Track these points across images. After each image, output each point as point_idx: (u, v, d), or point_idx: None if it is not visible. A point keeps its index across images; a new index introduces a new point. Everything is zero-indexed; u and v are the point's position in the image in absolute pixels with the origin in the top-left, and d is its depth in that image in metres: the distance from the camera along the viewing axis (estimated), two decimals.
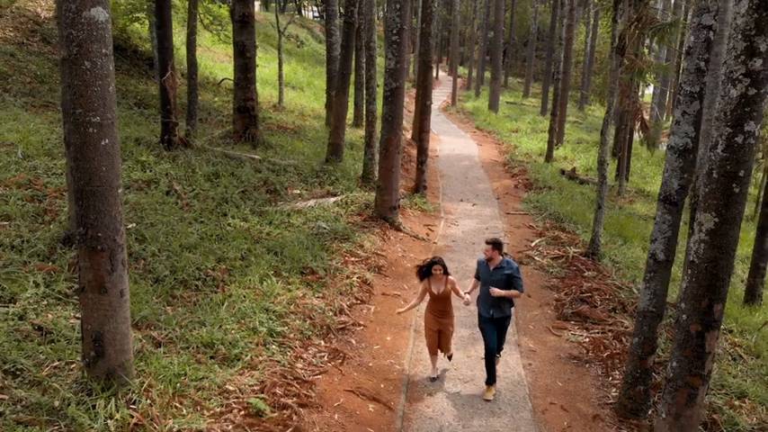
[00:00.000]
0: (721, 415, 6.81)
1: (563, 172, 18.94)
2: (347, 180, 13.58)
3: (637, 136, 19.70)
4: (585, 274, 10.51)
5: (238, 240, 9.04)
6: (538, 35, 46.52)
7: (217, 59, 25.59)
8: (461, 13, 52.87)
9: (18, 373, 5.24)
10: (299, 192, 12.22)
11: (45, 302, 6.38)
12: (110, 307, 5.01)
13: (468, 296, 6.92)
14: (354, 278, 9.04)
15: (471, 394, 6.83)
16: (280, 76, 21.77)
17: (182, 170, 11.17)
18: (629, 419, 6.51)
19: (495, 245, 6.78)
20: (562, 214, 14.15)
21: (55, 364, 5.42)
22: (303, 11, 52.90)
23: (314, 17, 55.54)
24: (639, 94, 18.70)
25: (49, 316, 6.16)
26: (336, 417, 5.91)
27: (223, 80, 20.50)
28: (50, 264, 7.11)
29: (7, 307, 6.13)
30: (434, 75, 45.28)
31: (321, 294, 8.26)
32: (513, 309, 7.05)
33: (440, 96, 38.95)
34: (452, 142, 24.33)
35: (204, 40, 25.20)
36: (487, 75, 44.75)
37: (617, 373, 7.47)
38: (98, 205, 4.80)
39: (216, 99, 19.59)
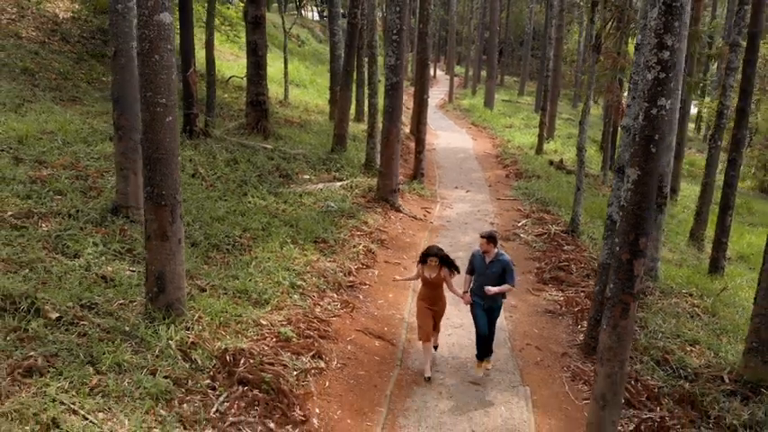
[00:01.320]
0: (673, 355, 8.11)
1: (551, 163, 20.25)
2: (351, 167, 14.88)
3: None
4: (565, 247, 11.81)
5: (259, 215, 10.33)
6: (533, 35, 47.81)
7: (223, 58, 26.84)
8: (458, 13, 54.17)
9: (93, 307, 6.50)
10: (308, 177, 13.50)
11: (104, 258, 7.64)
12: (170, 252, 6.29)
13: (467, 296, 7.06)
14: (360, 247, 10.33)
15: (460, 336, 8.11)
16: (285, 74, 23.02)
17: (203, 156, 12.44)
18: (591, 356, 7.79)
19: (490, 238, 6.92)
20: (548, 199, 15.45)
21: (120, 302, 6.68)
22: (303, 11, 54.09)
23: (317, 18, 56.68)
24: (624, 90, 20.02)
25: (109, 268, 7.42)
26: (349, 347, 7.21)
27: (231, 77, 21.75)
28: (103, 229, 8.38)
29: (74, 260, 7.40)
30: (432, 73, 46.64)
31: (332, 259, 9.55)
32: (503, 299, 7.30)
33: (437, 94, 40.22)
34: (449, 137, 25.62)
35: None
36: (484, 73, 46.04)
37: (585, 322, 8.75)
38: (162, 169, 6.08)
39: (225, 95, 20.85)
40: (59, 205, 8.75)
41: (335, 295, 8.45)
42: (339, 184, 13.55)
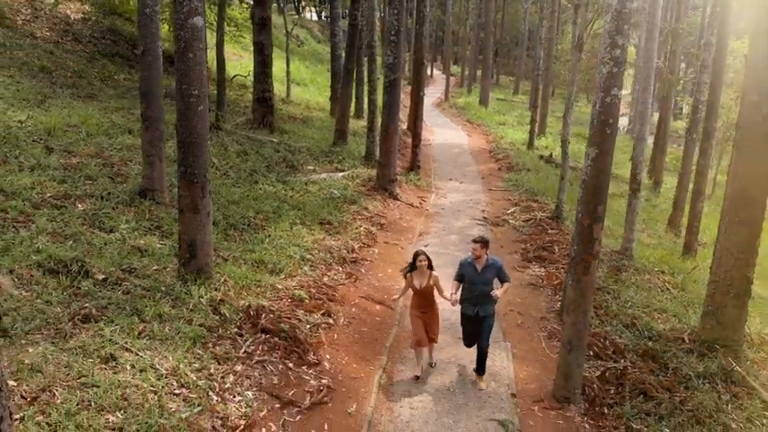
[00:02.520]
0: (640, 320, 9.13)
1: (541, 157, 21.30)
2: (352, 159, 15.90)
3: None
4: (549, 231, 12.84)
5: (269, 200, 11.34)
6: (528, 35, 48.88)
7: (227, 58, 27.78)
8: (455, 13, 55.21)
9: (132, 271, 7.51)
10: (312, 167, 14.52)
11: (136, 233, 8.65)
12: (200, 223, 7.30)
13: (455, 296, 6.86)
14: (361, 229, 11.35)
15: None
16: (287, 73, 24.02)
17: (216, 148, 13.44)
18: None
19: (484, 243, 6.73)
20: (536, 189, 16.49)
21: (155, 267, 7.69)
22: (302, 12, 55.09)
23: (315, 18, 57.62)
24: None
25: (142, 241, 8.43)
26: (353, 309, 8.24)
27: (235, 76, 22.73)
28: (133, 209, 9.38)
29: (110, 234, 8.40)
30: (429, 73, 47.64)
31: (336, 238, 10.56)
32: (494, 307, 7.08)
33: (434, 93, 41.23)
34: (444, 133, 26.64)
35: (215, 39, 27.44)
36: (480, 73, 47.07)
37: (562, 292, 9.77)
38: (195, 152, 7.09)
39: (231, 93, 21.84)
40: (92, 188, 9.75)
41: (340, 268, 9.47)
42: (341, 174, 14.56)
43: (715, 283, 8.53)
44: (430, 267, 6.89)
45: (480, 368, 7.03)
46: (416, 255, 6.94)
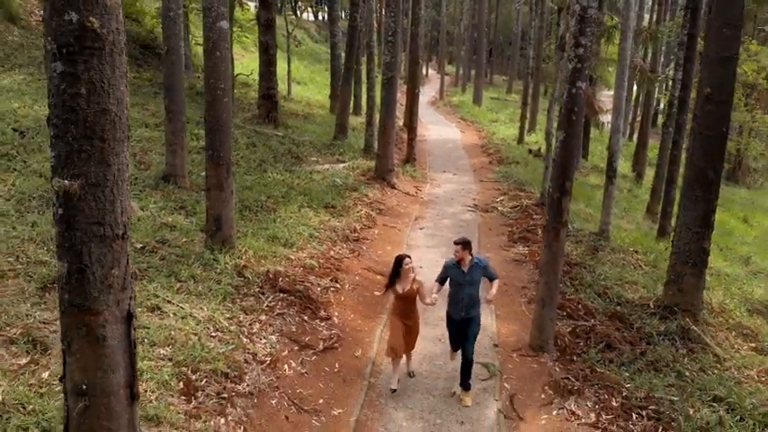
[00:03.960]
0: (612, 290, 10.27)
1: (530, 151, 22.45)
2: (352, 152, 17.03)
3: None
4: (534, 216, 13.98)
5: (278, 186, 12.44)
6: (521, 35, 50.09)
7: None
8: (449, 14, 56.41)
9: (165, 242, 8.58)
10: (315, 159, 15.63)
11: (164, 211, 9.74)
12: (225, 199, 8.40)
13: (434, 296, 6.65)
14: (362, 213, 12.48)
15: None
16: (288, 72, 25.07)
17: None
18: None
19: (465, 244, 6.61)
20: (524, 180, 17.64)
21: (184, 240, 8.79)
22: (299, 13, 56.13)
23: (312, 18, 58.63)
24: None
25: (170, 218, 9.53)
26: (357, 278, 9.37)
27: (238, 74, 23.78)
28: (159, 191, 10.47)
29: (142, 212, 9.49)
30: (424, 72, 48.74)
31: (340, 220, 11.68)
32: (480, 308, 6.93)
33: (429, 92, 42.37)
34: (439, 130, 27.78)
35: None
36: (474, 72, 48.23)
37: None
38: (221, 137, 8.19)
39: (234, 90, 22.92)
40: None
41: (344, 245, 10.58)
42: (342, 165, 15.68)
43: (676, 254, 9.68)
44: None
45: (465, 381, 6.68)
46: (400, 259, 6.59)
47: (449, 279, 6.73)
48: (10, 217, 8.19)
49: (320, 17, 60.45)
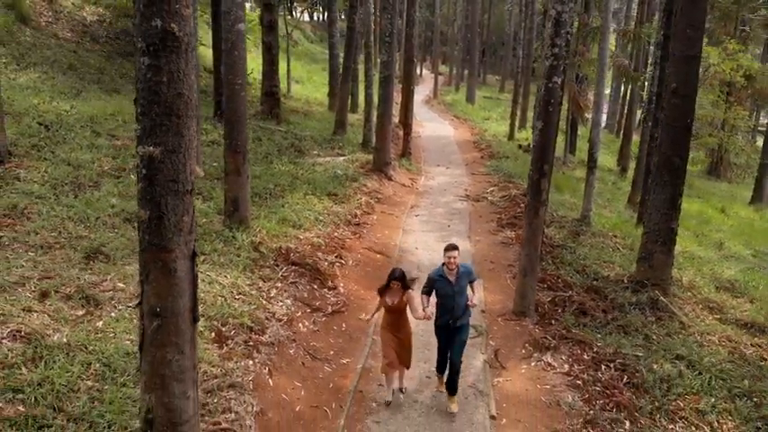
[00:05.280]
0: (590, 268, 11.30)
1: (520, 146, 23.52)
2: (351, 146, 18.02)
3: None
4: (521, 205, 14.94)
5: (284, 176, 13.41)
6: (514, 36, 51.18)
7: None
8: (443, 15, 57.48)
9: None
10: (317, 152, 16.62)
11: None
12: (241, 183, 9.38)
13: (429, 310, 6.48)
14: (362, 200, 13.47)
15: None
16: (288, 71, 26.04)
17: None
18: None
19: (457, 249, 6.47)
20: (513, 173, 18.66)
21: (204, 220, 9.75)
22: (295, 13, 57.02)
23: (307, 18, 59.54)
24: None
25: None
26: (359, 255, 10.37)
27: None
28: None
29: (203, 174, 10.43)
30: (418, 71, 49.77)
31: (342, 206, 12.67)
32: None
33: (423, 91, 43.38)
34: (433, 127, 28.81)
35: None
36: (467, 72, 49.31)
37: None
38: (238, 127, 9.17)
39: None
40: None
41: (347, 228, 11.58)
42: (342, 158, 16.66)
43: (647, 234, 10.72)
44: (405, 288, 6.46)
45: (451, 386, 6.60)
46: (392, 276, 6.52)
47: (435, 291, 6.53)
48: (48, 199, 9.12)
49: (315, 18, 61.44)
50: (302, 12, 49.17)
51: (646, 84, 26.75)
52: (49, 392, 5.14)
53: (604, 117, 40.64)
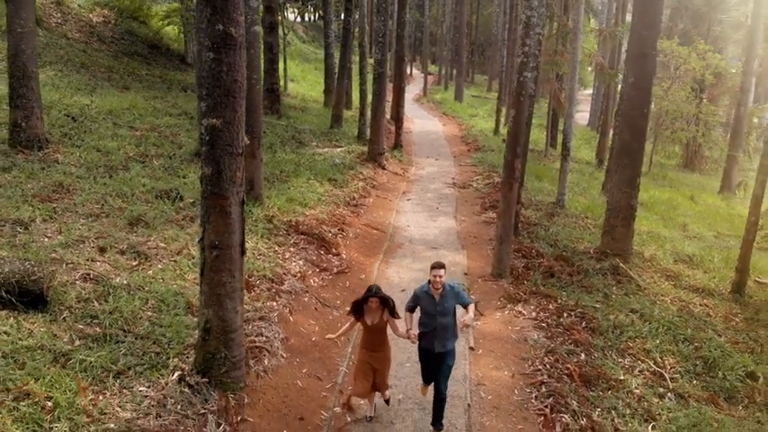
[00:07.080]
0: (561, 241, 12.79)
1: (504, 140, 25.02)
2: (347, 138, 19.47)
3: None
4: None
5: (288, 164, 14.82)
6: (500, 37, 52.73)
7: None
8: (432, 16, 59.02)
9: None
10: (316, 144, 18.04)
11: None
12: (256, 166, 10.78)
13: (412, 331, 6.07)
14: (359, 185, 14.91)
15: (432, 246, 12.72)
16: (285, 70, 27.40)
17: None
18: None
19: (444, 268, 5.98)
20: (497, 164, 20.11)
21: None
22: (286, 13, 58.25)
23: (299, 19, 60.83)
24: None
25: None
26: (358, 230, 11.81)
27: None
28: (194, 164, 12.78)
29: (184, 179, 11.80)
30: (408, 71, 51.28)
31: (341, 190, 14.10)
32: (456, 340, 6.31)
33: (413, 90, 44.88)
34: (423, 123, 30.31)
35: None
36: (455, 71, 50.82)
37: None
38: (254, 116, 10.56)
39: None
40: (159, 151, 13.14)
41: (346, 208, 13.02)
42: (339, 149, 18.09)
43: (610, 210, 12.23)
44: (387, 308, 6.00)
45: (437, 419, 6.17)
46: (368, 293, 5.98)
47: (419, 307, 6.11)
48: (87, 179, 10.48)
49: (307, 18, 62.73)
50: (297, 15, 50.44)
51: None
52: (119, 318, 6.53)
53: (587, 115, 42.46)
